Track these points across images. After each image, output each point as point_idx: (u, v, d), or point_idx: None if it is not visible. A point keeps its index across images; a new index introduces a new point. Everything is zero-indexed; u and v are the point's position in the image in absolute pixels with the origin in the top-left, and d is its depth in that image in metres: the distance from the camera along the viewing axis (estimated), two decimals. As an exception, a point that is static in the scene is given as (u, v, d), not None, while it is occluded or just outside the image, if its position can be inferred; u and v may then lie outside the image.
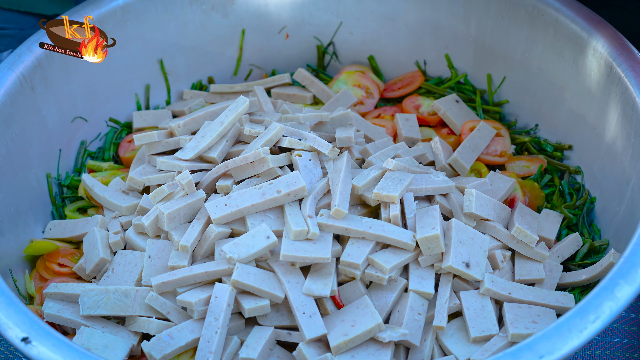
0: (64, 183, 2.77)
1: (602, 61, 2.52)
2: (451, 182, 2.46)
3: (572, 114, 2.73)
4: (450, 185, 2.45)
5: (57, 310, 2.30)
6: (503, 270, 2.39)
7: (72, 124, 2.81)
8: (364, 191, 2.38)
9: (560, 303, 2.29)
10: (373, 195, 2.34)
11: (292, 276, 2.24)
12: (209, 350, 2.13)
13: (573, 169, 2.74)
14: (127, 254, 2.41)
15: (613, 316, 1.92)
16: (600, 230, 2.58)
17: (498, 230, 2.41)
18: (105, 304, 2.25)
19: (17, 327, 1.97)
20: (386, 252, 2.30)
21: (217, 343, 2.13)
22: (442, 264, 2.28)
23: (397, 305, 2.28)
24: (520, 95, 2.93)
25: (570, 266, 2.50)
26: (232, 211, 2.31)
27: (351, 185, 2.37)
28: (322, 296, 2.21)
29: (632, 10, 2.91)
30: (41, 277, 2.51)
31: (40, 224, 2.66)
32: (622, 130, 2.46)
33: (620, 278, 1.97)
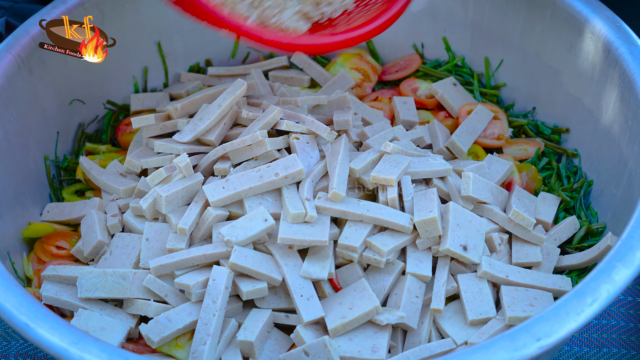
0: (61, 165, 2.77)
1: (600, 44, 2.52)
2: (449, 165, 2.46)
3: (569, 97, 2.73)
4: (448, 169, 2.45)
5: (55, 292, 2.31)
6: (500, 254, 2.39)
7: (70, 107, 2.81)
8: (361, 174, 2.39)
9: (557, 286, 2.30)
10: (371, 178, 2.35)
11: (289, 259, 2.25)
12: (206, 333, 2.13)
13: (570, 152, 2.74)
14: (124, 236, 2.42)
15: (610, 299, 1.93)
16: (597, 213, 2.59)
17: (495, 213, 2.41)
18: (103, 286, 2.26)
19: (16, 309, 1.98)
20: (384, 235, 2.30)
21: (214, 325, 2.14)
22: (440, 246, 2.28)
23: (395, 288, 2.28)
24: (518, 79, 2.93)
25: (567, 249, 2.50)
26: (230, 194, 2.31)
27: (349, 168, 2.37)
28: (319, 279, 2.21)
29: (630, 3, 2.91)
30: (39, 259, 2.51)
31: (38, 206, 2.66)
32: (620, 113, 2.46)
33: (618, 261, 1.98)
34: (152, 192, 2.40)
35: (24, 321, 1.96)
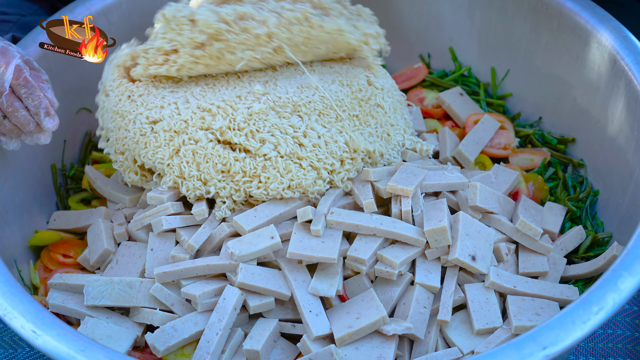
0: (68, 174, 2.78)
1: (606, 54, 2.52)
2: (465, 178, 2.45)
3: (575, 107, 2.72)
4: (464, 182, 2.44)
5: (61, 300, 2.30)
6: (507, 263, 2.38)
7: (77, 115, 2.81)
8: (376, 183, 2.39)
9: (564, 296, 2.29)
10: (387, 187, 2.34)
11: (298, 274, 2.24)
12: (207, 351, 2.13)
13: (576, 162, 2.74)
14: (131, 245, 2.41)
15: (616, 308, 1.92)
16: (603, 223, 2.58)
17: (502, 223, 2.41)
18: (110, 294, 2.25)
19: (22, 316, 1.98)
20: (394, 247, 2.29)
21: (215, 345, 2.13)
22: (449, 256, 2.27)
23: (403, 298, 2.27)
24: (524, 88, 2.93)
25: (573, 259, 2.50)
26: (262, 222, 2.31)
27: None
28: (327, 296, 2.21)
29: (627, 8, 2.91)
30: (45, 267, 2.51)
31: (45, 214, 2.66)
32: (626, 123, 2.46)
33: (624, 270, 1.97)
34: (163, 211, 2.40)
35: (31, 329, 1.95)
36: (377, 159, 2.46)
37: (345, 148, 2.39)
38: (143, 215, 2.41)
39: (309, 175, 2.34)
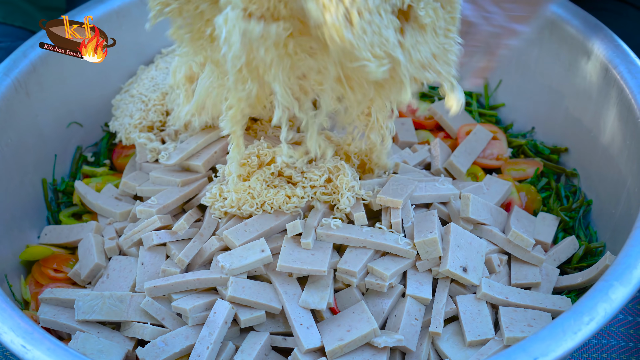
0: (59, 188, 2.77)
1: (598, 63, 2.52)
2: (456, 190, 2.45)
3: (568, 117, 2.72)
4: (455, 193, 2.44)
5: (52, 315, 2.29)
6: (500, 275, 2.38)
7: (68, 130, 2.81)
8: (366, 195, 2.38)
9: (557, 306, 2.28)
10: (377, 199, 2.34)
11: (289, 287, 2.23)
12: (197, 365, 2.14)
13: (569, 172, 2.74)
14: (121, 259, 2.41)
15: (608, 318, 1.92)
16: (596, 232, 2.58)
17: (494, 234, 2.40)
18: (101, 309, 2.25)
19: (12, 331, 1.97)
20: (385, 259, 2.28)
21: (206, 359, 2.12)
22: (440, 267, 2.26)
23: (394, 310, 2.27)
24: (517, 99, 2.93)
25: (566, 269, 2.49)
26: (253, 236, 2.30)
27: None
28: (318, 309, 2.20)
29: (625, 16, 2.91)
30: (36, 282, 2.51)
31: (36, 229, 2.66)
32: (618, 132, 2.46)
33: (615, 280, 1.97)
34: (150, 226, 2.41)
35: (20, 343, 1.95)
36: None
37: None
38: (132, 231, 2.41)
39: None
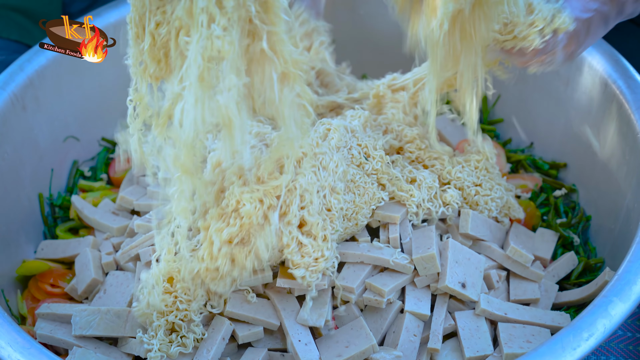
0: (55, 203, 2.76)
1: (597, 78, 2.52)
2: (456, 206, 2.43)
3: (567, 132, 2.72)
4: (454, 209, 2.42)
5: (49, 330, 2.27)
6: (498, 291, 2.36)
7: (64, 144, 2.80)
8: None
9: (556, 323, 2.27)
10: (375, 215, 2.33)
11: (287, 304, 2.21)
12: (194, 382, 2.12)
13: (568, 187, 2.73)
14: (119, 275, 2.39)
15: (607, 333, 1.91)
16: (595, 248, 2.57)
17: (493, 250, 2.39)
18: (98, 324, 2.23)
19: (10, 346, 1.97)
20: (383, 275, 2.27)
21: None
22: (438, 283, 2.25)
23: (393, 327, 2.26)
24: (515, 114, 2.92)
25: (565, 285, 2.48)
26: None
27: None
28: (316, 326, 2.19)
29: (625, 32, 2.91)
30: (33, 297, 2.49)
31: (32, 244, 2.65)
32: (617, 148, 2.45)
33: (614, 296, 1.97)
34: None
35: (18, 358, 1.94)
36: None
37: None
38: (130, 246, 2.40)
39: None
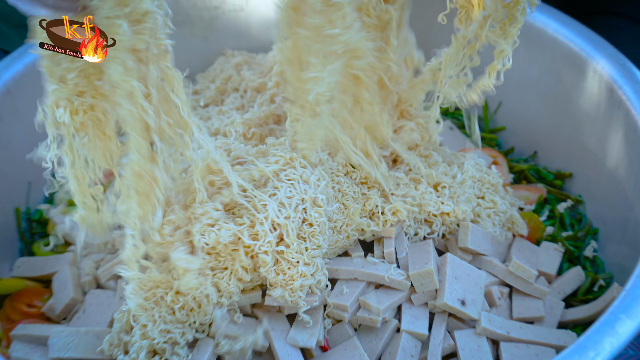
0: (33, 218, 2.69)
1: (603, 83, 2.44)
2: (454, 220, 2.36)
3: (572, 140, 2.64)
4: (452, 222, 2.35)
5: (24, 353, 2.21)
6: (500, 308, 2.28)
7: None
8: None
9: (562, 342, 2.18)
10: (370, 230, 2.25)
11: (277, 323, 2.14)
12: (178, 404, 2.04)
13: (574, 198, 2.65)
14: (99, 293, 2.33)
15: (614, 352, 1.84)
16: (603, 262, 2.49)
17: (494, 265, 2.31)
18: (77, 346, 2.15)
19: (-18, 371, 1.88)
20: (378, 292, 2.19)
21: None
22: (437, 301, 2.17)
23: (389, 347, 2.17)
24: (518, 122, 2.86)
25: (572, 302, 2.39)
26: None
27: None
28: (307, 347, 2.11)
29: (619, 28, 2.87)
30: (8, 318, 2.42)
31: (8, 261, 2.58)
32: (624, 156, 2.38)
33: (622, 312, 1.90)
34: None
35: (-9, 384, 1.86)
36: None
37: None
38: (111, 263, 2.34)
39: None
